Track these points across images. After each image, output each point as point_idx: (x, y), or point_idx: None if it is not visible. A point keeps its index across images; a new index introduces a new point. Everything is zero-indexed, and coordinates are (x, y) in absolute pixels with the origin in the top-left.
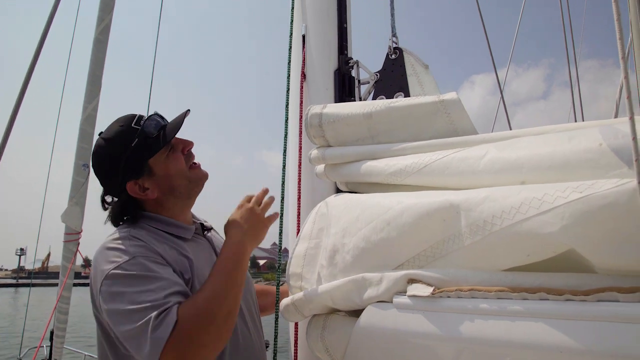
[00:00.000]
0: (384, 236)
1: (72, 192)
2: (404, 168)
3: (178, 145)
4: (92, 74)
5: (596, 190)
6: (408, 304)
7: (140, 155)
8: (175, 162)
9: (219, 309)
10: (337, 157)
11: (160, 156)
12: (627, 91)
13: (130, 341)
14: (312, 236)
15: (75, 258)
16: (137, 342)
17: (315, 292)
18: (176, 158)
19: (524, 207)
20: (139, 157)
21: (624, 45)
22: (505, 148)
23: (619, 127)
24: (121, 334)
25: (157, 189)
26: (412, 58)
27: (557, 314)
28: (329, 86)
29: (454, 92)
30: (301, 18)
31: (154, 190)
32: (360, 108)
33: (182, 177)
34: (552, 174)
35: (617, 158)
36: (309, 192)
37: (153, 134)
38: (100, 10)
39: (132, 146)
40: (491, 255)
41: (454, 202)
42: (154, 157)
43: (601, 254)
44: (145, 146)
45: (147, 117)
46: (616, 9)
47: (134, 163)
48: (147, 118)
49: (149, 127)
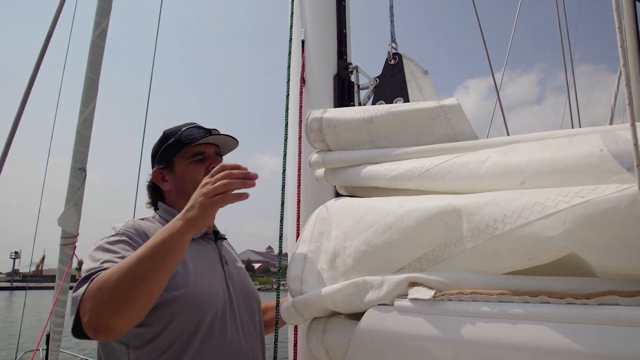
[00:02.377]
0: (385, 239)
1: (69, 195)
2: (404, 172)
3: (207, 160)
4: (89, 77)
5: (598, 195)
6: (409, 307)
7: (170, 151)
8: (194, 170)
9: (121, 281)
10: (338, 161)
11: (185, 159)
12: (628, 98)
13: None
14: (313, 240)
15: (71, 261)
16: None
17: (316, 295)
18: (197, 168)
19: (526, 211)
20: (168, 152)
21: (625, 53)
22: (506, 153)
23: (620, 133)
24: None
25: (172, 184)
26: (411, 64)
27: (559, 317)
28: (328, 91)
29: (454, 98)
30: (300, 23)
31: (169, 184)
32: (360, 113)
33: (193, 185)
34: (553, 179)
35: (618, 163)
36: (308, 196)
37: (188, 139)
38: (97, 14)
39: (169, 143)
40: (493, 259)
41: (455, 206)
42: (179, 156)
43: (602, 257)
44: (177, 146)
45: (193, 127)
46: (617, 18)
47: (163, 155)
48: (193, 127)
49: (188, 132)
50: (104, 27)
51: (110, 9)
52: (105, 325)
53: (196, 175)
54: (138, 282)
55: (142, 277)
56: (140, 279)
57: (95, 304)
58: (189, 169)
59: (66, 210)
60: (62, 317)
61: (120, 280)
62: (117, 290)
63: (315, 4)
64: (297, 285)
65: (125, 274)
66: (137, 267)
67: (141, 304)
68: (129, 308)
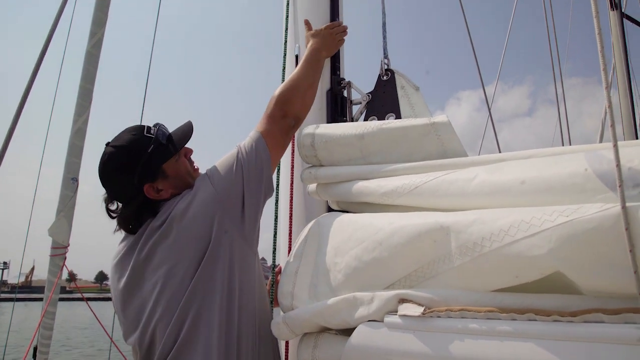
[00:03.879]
0: (375, 256)
1: (60, 205)
2: (395, 189)
3: (182, 151)
4: (83, 87)
5: (582, 214)
6: (399, 323)
7: (156, 160)
8: (184, 164)
9: (301, 82)
10: (329, 176)
11: (172, 160)
12: (611, 120)
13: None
14: (304, 255)
15: (61, 273)
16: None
17: (306, 310)
18: (183, 161)
19: (513, 230)
20: (155, 162)
21: (607, 76)
22: (494, 171)
23: (604, 153)
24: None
25: (170, 189)
26: (403, 80)
27: (545, 334)
28: (321, 106)
29: (444, 115)
30: (294, 38)
31: (167, 191)
32: (352, 129)
33: (190, 176)
34: (539, 197)
35: (602, 183)
36: (300, 210)
37: (164, 142)
38: (93, 24)
39: (149, 152)
40: (481, 276)
41: (444, 224)
42: (167, 161)
43: (586, 276)
44: (160, 152)
45: (158, 127)
46: (600, 42)
47: (150, 167)
48: (158, 128)
49: (161, 135)
50: (100, 36)
51: (106, 18)
52: (292, 115)
53: (188, 166)
54: (310, 89)
55: (310, 86)
56: (308, 87)
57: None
58: (181, 166)
59: (57, 220)
60: (50, 329)
61: (306, 88)
62: (306, 96)
63: (309, 20)
64: (289, 301)
65: (308, 87)
66: (310, 84)
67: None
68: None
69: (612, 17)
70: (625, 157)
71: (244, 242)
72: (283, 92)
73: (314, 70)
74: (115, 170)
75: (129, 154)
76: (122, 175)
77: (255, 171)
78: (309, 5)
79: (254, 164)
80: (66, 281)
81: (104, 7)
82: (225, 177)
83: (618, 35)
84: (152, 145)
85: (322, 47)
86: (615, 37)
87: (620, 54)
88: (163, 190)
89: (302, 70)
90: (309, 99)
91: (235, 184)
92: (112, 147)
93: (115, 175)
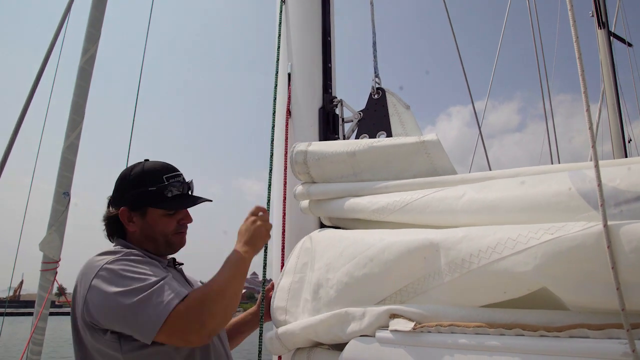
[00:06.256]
0: (367, 272)
1: (52, 220)
2: (386, 206)
3: (179, 214)
4: (76, 102)
5: (566, 232)
6: (390, 338)
7: (147, 200)
8: (165, 224)
9: (220, 296)
10: (322, 193)
11: (159, 211)
12: (592, 141)
13: (139, 309)
14: (297, 270)
15: (52, 287)
16: (145, 310)
17: (299, 325)
18: (169, 221)
19: (500, 247)
20: (145, 200)
21: (587, 99)
22: (481, 189)
23: (587, 172)
24: (128, 307)
25: (139, 229)
26: (394, 98)
27: (532, 349)
28: (313, 123)
29: (434, 134)
30: (287, 57)
31: (136, 227)
32: (344, 147)
33: (162, 237)
34: (525, 215)
35: (585, 202)
36: (293, 226)
37: (168, 195)
38: (86, 40)
39: (148, 190)
40: (470, 292)
41: (433, 241)
42: (154, 208)
43: (571, 292)
44: (156, 198)
45: (175, 180)
46: (580, 65)
47: (138, 200)
48: (175, 181)
49: (170, 189)
50: (93, 52)
51: (99, 35)
52: (211, 330)
53: (168, 229)
54: (234, 298)
55: (235, 295)
56: (233, 296)
57: (201, 315)
58: (162, 221)
59: (48, 235)
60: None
61: (221, 296)
62: (219, 304)
63: (301, 39)
64: (281, 316)
65: (224, 292)
66: (232, 296)
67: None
68: (228, 315)
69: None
70: (607, 177)
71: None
72: (208, 299)
73: (236, 277)
74: (124, 179)
75: (138, 177)
76: (123, 186)
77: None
78: (301, 24)
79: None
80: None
81: (96, 23)
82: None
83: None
84: (155, 189)
85: (245, 246)
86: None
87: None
88: (134, 224)
89: (222, 277)
90: (231, 309)
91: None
92: (143, 165)
93: (120, 179)
